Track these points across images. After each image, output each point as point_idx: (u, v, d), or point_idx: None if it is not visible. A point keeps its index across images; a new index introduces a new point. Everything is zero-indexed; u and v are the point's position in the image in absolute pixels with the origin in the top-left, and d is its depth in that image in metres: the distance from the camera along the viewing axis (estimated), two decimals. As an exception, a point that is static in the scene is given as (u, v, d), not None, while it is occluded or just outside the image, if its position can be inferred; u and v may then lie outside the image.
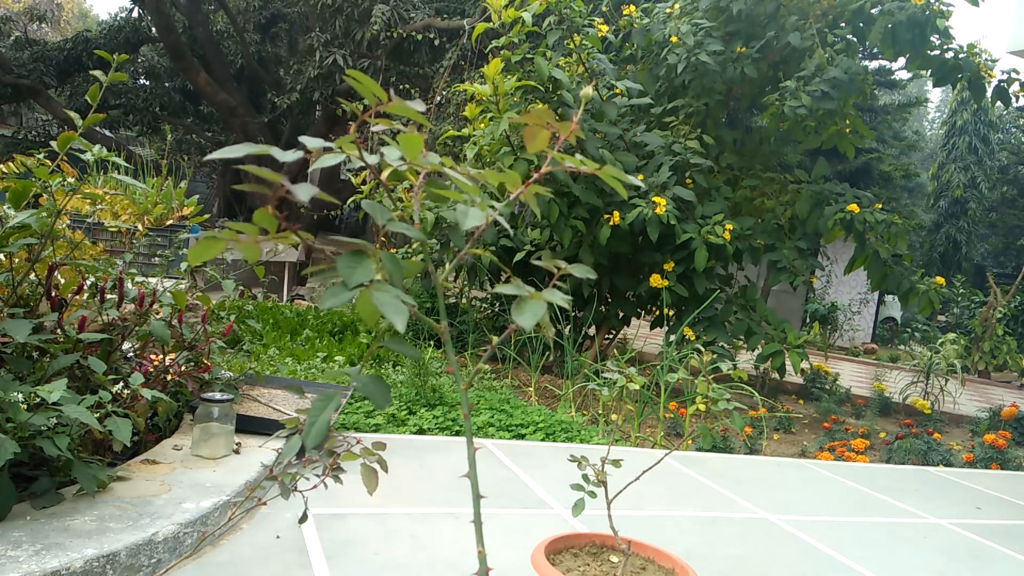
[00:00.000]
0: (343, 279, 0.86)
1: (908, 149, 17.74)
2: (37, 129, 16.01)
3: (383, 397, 0.96)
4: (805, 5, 5.78)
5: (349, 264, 0.87)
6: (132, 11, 14.02)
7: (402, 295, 0.87)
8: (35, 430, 1.96)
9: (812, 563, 2.70)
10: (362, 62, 10.52)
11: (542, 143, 1.02)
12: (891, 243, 5.89)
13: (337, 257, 0.88)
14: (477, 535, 1.10)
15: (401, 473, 2.96)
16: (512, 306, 0.94)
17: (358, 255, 0.89)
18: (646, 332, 9.15)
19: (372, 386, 0.97)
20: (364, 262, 0.88)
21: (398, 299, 0.85)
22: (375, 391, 0.97)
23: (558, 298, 0.94)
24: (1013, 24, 7.60)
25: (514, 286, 0.95)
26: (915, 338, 14.72)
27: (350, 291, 0.86)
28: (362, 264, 0.88)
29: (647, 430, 4.76)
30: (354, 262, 0.88)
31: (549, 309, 3.95)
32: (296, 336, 5.39)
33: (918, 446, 5.18)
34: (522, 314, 0.92)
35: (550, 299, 0.94)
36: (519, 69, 5.38)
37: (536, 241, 5.90)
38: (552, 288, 0.97)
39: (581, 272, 1.03)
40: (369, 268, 0.87)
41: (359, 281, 0.86)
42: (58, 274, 2.67)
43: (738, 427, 2.21)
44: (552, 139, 1.02)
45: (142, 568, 1.89)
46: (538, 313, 0.91)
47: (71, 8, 31.23)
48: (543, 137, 1.02)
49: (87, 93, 2.47)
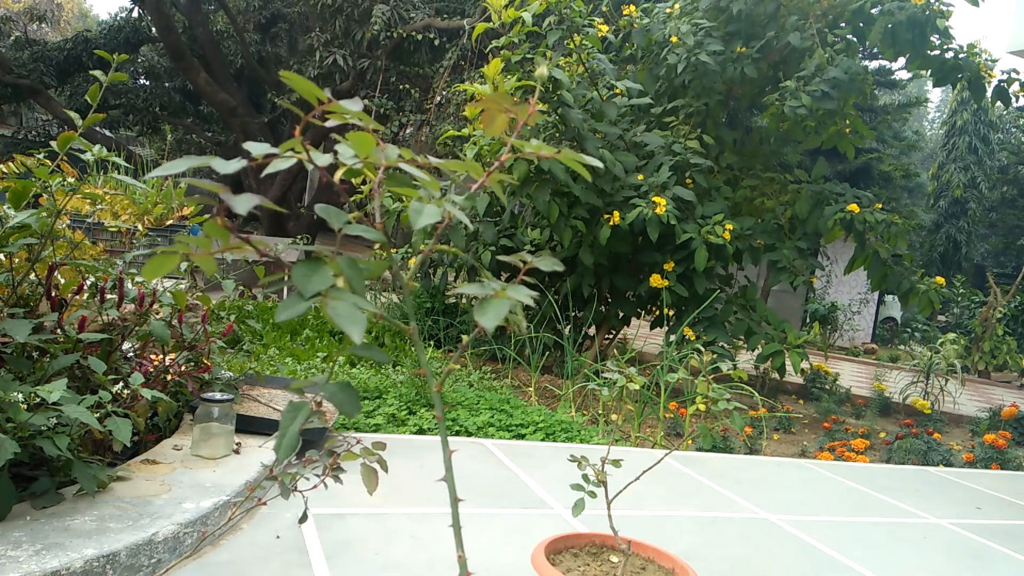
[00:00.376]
0: (299, 289, 0.81)
1: (908, 149, 17.75)
2: (37, 129, 16.01)
3: (351, 405, 0.90)
4: (805, 5, 5.78)
5: (304, 272, 0.82)
6: (132, 11, 14.02)
7: (360, 302, 0.82)
8: (35, 430, 1.96)
9: (812, 563, 2.70)
10: (362, 62, 10.52)
11: (500, 127, 0.95)
12: (891, 243, 5.89)
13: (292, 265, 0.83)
14: (456, 540, 1.07)
15: (401, 473, 2.96)
16: (474, 306, 0.88)
17: (315, 262, 0.84)
18: (646, 332, 9.15)
19: (340, 394, 0.91)
20: (321, 269, 0.83)
21: (355, 307, 0.81)
22: (343, 399, 0.90)
23: (523, 295, 0.88)
24: (1013, 24, 7.60)
25: (477, 285, 0.90)
26: (915, 338, 14.73)
27: (306, 301, 0.81)
28: (319, 272, 0.83)
29: (647, 430, 4.76)
30: (310, 270, 0.83)
31: (549, 309, 3.98)
32: (296, 336, 5.40)
33: (918, 446, 5.18)
34: (484, 314, 0.85)
35: (515, 297, 0.88)
36: (519, 69, 5.38)
37: (536, 241, 5.90)
38: (517, 284, 0.91)
39: (547, 265, 0.97)
40: (327, 276, 0.82)
41: (316, 290, 0.81)
42: (58, 274, 2.67)
43: (738, 427, 2.21)
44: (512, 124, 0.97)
45: (142, 568, 1.89)
46: (501, 313, 0.85)
47: (71, 8, 31.24)
48: (501, 120, 0.95)
49: (87, 93, 2.47)
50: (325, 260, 0.84)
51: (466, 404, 4.20)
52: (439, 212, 0.91)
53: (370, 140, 0.90)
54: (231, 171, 0.83)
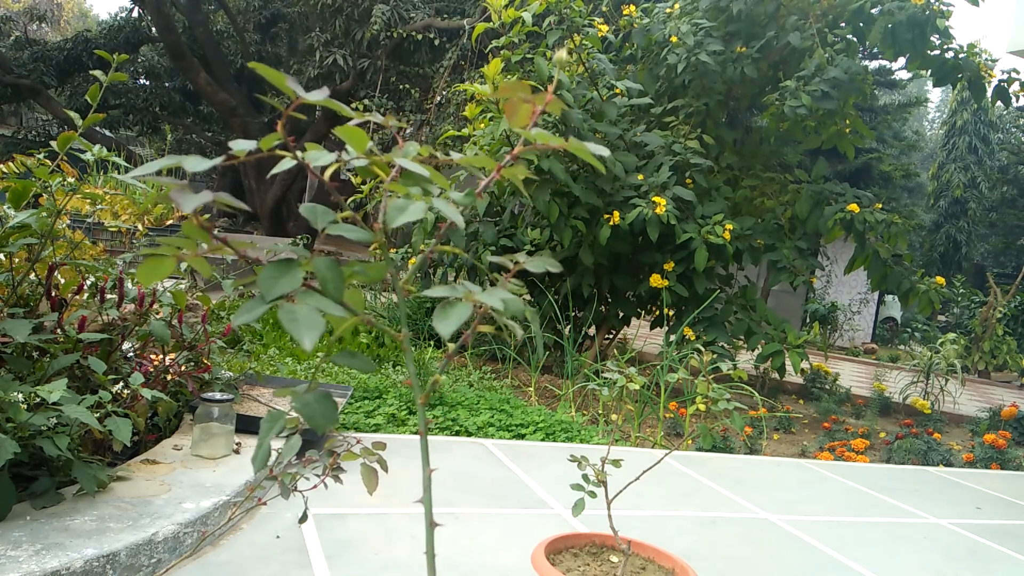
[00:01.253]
0: (262, 290, 0.77)
1: (908, 149, 17.75)
2: (37, 129, 16.02)
3: (326, 418, 0.84)
4: (805, 5, 5.78)
5: (273, 274, 0.78)
6: (132, 11, 14.04)
7: (330, 306, 0.78)
8: (35, 430, 1.96)
9: (812, 563, 2.70)
10: (362, 62, 10.53)
11: (524, 118, 0.90)
12: (891, 243, 5.89)
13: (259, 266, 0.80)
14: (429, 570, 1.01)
15: (401, 473, 2.96)
16: (436, 311, 0.81)
17: (286, 263, 0.79)
18: (646, 332, 9.15)
19: (315, 406, 0.84)
20: (291, 271, 0.78)
21: (317, 313, 0.76)
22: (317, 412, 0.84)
23: (495, 300, 0.81)
24: (1013, 24, 7.60)
25: (447, 287, 0.84)
26: (915, 338, 14.73)
27: (267, 304, 0.76)
28: (288, 273, 0.78)
29: (647, 430, 4.76)
30: (279, 271, 0.78)
31: (549, 309, 3.96)
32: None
33: (918, 446, 5.18)
34: (444, 319, 0.79)
35: (484, 301, 0.81)
36: (519, 69, 5.38)
37: (536, 241, 5.90)
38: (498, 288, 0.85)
39: (537, 266, 0.91)
40: (296, 278, 0.78)
41: (280, 293, 0.76)
42: (58, 274, 2.67)
43: (738, 427, 2.21)
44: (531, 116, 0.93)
45: (142, 568, 1.89)
46: (461, 318, 0.78)
47: (71, 8, 31.24)
48: (525, 111, 0.90)
49: (87, 93, 2.47)
50: (300, 262, 0.80)
51: (466, 404, 4.20)
52: (423, 209, 0.85)
53: (363, 136, 0.87)
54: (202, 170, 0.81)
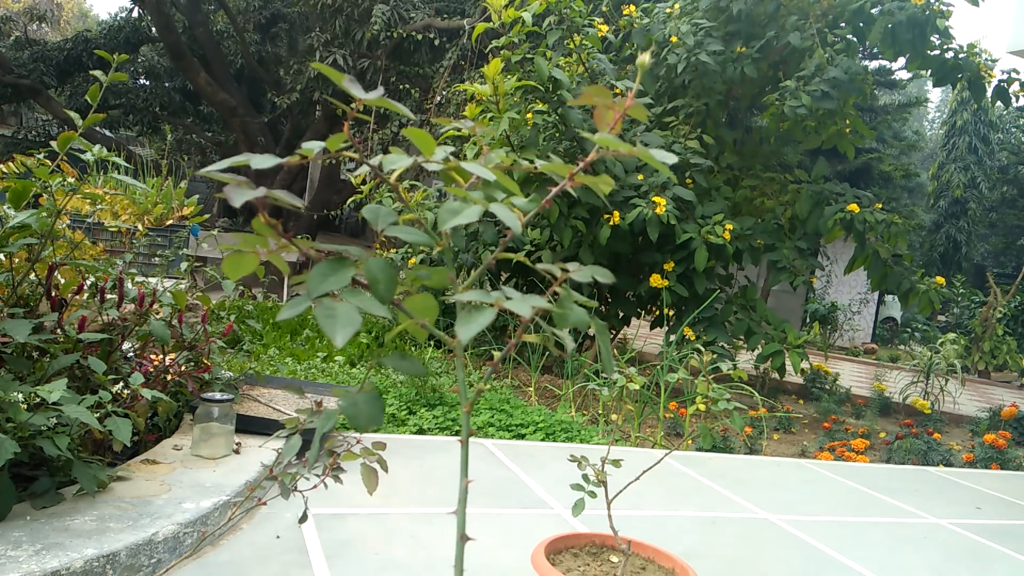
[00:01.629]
0: (308, 287, 0.77)
1: (908, 149, 17.74)
2: (37, 129, 16.02)
3: (371, 419, 0.84)
4: (805, 5, 5.78)
5: (323, 271, 0.78)
6: (132, 11, 14.03)
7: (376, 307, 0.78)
8: (35, 430, 1.96)
9: (812, 563, 2.70)
10: (362, 62, 10.52)
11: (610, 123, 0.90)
12: (891, 243, 5.89)
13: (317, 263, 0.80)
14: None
15: (401, 473, 2.96)
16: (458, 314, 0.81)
17: (337, 262, 0.79)
18: (646, 332, 9.15)
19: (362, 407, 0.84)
20: (341, 270, 0.78)
21: (355, 311, 0.75)
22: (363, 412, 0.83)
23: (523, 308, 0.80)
24: (1013, 24, 7.60)
25: (480, 291, 0.83)
26: (915, 338, 14.72)
27: (312, 300, 0.77)
28: (338, 272, 0.78)
29: (647, 430, 4.76)
30: (329, 269, 0.78)
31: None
32: (296, 336, 5.39)
33: (918, 446, 5.18)
34: (467, 324, 0.78)
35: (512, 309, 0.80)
36: (519, 69, 5.38)
37: (536, 241, 5.90)
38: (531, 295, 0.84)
39: (584, 276, 0.89)
40: (344, 277, 0.78)
41: (326, 290, 0.76)
42: (58, 274, 2.67)
43: (738, 427, 2.21)
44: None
45: (142, 568, 1.89)
46: (483, 323, 0.78)
47: (71, 8, 31.24)
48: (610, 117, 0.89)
49: (87, 93, 2.47)
50: (350, 262, 0.80)
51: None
52: (478, 212, 0.84)
53: (431, 140, 0.86)
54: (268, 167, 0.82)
